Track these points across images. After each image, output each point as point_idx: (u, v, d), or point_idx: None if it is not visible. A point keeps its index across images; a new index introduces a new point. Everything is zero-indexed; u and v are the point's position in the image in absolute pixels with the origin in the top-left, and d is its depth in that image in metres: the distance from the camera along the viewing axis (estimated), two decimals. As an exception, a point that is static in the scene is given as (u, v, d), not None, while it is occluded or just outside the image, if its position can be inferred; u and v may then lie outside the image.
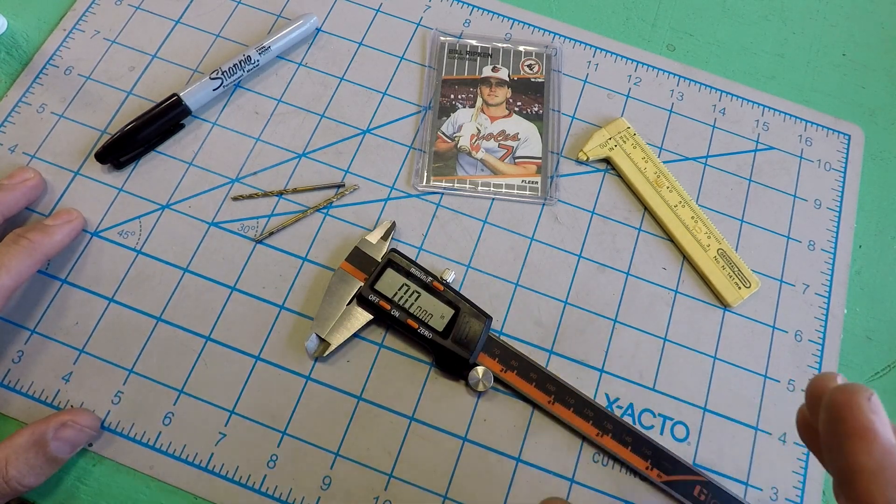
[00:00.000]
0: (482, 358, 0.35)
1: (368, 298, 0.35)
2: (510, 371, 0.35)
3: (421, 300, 0.35)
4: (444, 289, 0.36)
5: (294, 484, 0.33)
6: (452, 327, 0.35)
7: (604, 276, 0.39)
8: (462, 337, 0.35)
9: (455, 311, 0.35)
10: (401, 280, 0.36)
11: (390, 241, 0.37)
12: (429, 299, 0.35)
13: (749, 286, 0.38)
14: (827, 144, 0.43)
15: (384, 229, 0.38)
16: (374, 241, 0.37)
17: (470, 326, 0.35)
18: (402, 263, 0.36)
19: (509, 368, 0.35)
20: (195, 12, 0.43)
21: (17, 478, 0.30)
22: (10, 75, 0.41)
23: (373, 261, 0.36)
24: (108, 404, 0.34)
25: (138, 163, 0.39)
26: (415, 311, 0.35)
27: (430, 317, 0.35)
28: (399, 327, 0.35)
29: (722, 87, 0.44)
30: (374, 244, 0.37)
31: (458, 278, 0.38)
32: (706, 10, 0.47)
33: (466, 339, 0.35)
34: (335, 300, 0.36)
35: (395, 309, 0.35)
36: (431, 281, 0.36)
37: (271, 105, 0.41)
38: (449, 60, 0.43)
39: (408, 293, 0.36)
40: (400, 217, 0.39)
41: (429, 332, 0.35)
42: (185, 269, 0.37)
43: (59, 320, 0.36)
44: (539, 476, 0.34)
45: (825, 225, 0.41)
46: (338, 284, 0.36)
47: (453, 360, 0.35)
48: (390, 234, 0.38)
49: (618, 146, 0.41)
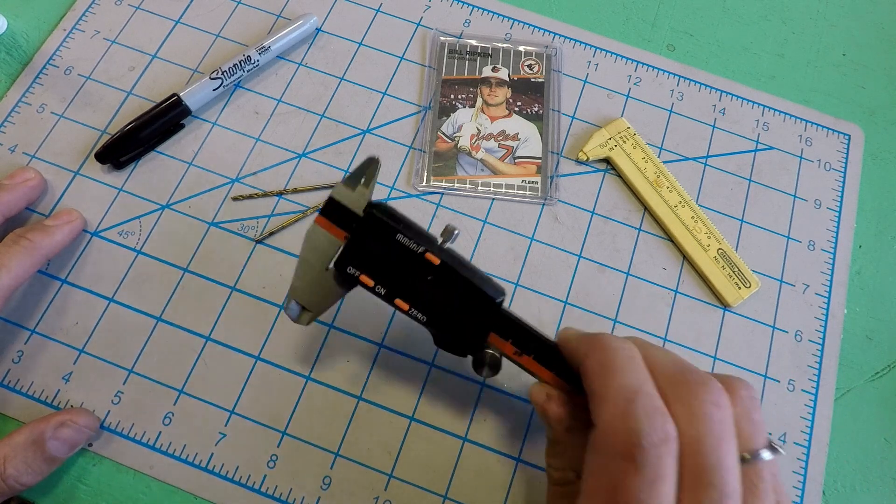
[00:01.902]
0: (493, 338, 0.29)
1: (347, 271, 0.29)
2: (526, 355, 0.29)
3: (410, 273, 0.28)
4: (439, 262, 0.28)
5: (294, 484, 0.33)
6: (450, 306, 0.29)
7: (604, 276, 0.39)
8: (463, 318, 0.29)
9: (455, 286, 0.28)
10: (384, 247, 0.28)
11: (373, 186, 0.29)
12: (420, 273, 0.28)
13: (749, 286, 0.38)
14: (827, 144, 0.43)
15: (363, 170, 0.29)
16: (353, 189, 0.29)
17: (472, 305, 0.29)
18: (383, 223, 0.28)
19: (526, 351, 0.29)
20: (195, 12, 0.43)
21: (14, 476, 0.30)
22: (10, 75, 0.41)
23: (353, 215, 0.29)
24: (107, 404, 0.34)
25: (138, 163, 0.39)
26: (404, 285, 0.28)
27: (422, 294, 0.29)
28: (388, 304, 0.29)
29: (722, 87, 0.44)
30: (353, 192, 0.29)
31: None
32: (706, 10, 0.47)
33: (469, 320, 0.29)
34: (312, 264, 0.29)
35: (379, 285, 0.28)
36: (424, 251, 0.28)
37: (271, 105, 0.41)
38: (449, 60, 0.43)
39: (395, 263, 0.28)
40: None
41: (422, 314, 0.29)
42: (185, 269, 0.37)
43: (59, 320, 0.36)
44: (539, 476, 0.34)
45: (825, 225, 0.41)
46: (312, 244, 0.29)
47: (455, 344, 0.30)
48: (373, 177, 0.29)
49: (618, 146, 0.41)
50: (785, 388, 0.37)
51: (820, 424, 0.37)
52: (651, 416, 0.22)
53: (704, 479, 0.22)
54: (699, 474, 0.22)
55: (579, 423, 0.27)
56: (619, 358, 0.24)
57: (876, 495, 0.36)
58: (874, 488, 0.36)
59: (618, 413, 0.23)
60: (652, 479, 0.21)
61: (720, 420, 0.23)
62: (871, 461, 0.37)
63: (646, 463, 0.21)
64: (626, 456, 0.22)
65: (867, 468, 0.36)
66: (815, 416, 0.37)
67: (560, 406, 0.28)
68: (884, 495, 0.36)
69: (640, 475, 0.21)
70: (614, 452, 0.22)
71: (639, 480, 0.21)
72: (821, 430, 0.37)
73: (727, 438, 0.23)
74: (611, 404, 0.23)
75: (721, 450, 0.23)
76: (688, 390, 0.24)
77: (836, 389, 0.38)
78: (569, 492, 0.27)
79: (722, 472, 0.22)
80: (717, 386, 0.24)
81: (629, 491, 0.21)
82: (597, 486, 0.23)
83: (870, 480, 0.36)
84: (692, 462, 0.22)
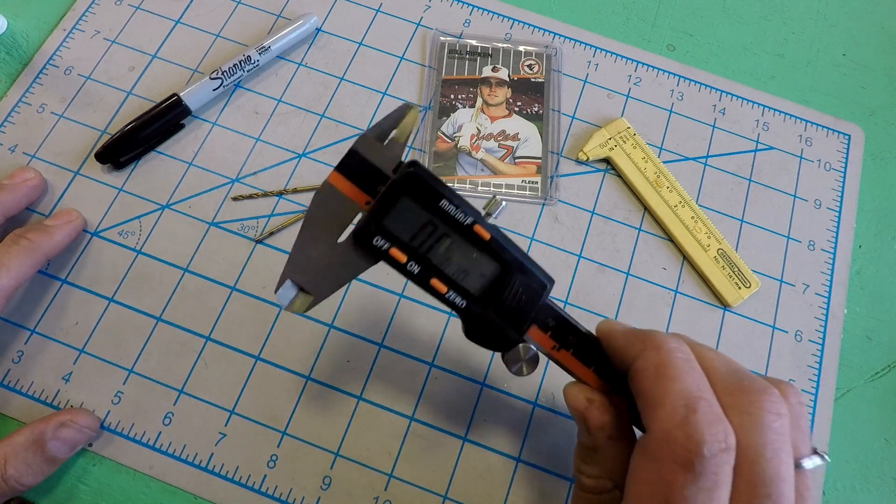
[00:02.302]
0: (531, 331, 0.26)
1: (373, 243, 0.24)
2: (565, 350, 0.27)
3: (453, 248, 0.24)
4: (490, 237, 0.24)
5: (294, 484, 0.33)
6: (496, 291, 0.25)
7: (604, 276, 0.39)
8: (509, 306, 0.25)
9: (502, 267, 0.25)
10: (424, 215, 0.24)
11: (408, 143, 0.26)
12: (465, 249, 0.24)
13: (749, 286, 0.38)
14: (827, 144, 0.43)
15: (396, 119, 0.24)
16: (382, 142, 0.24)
17: (521, 292, 0.25)
18: (427, 186, 0.24)
19: (565, 346, 0.27)
20: (195, 12, 0.43)
21: (15, 476, 0.30)
22: (10, 75, 0.41)
23: (380, 175, 0.24)
24: (107, 404, 0.34)
25: (138, 163, 0.39)
26: (444, 265, 0.24)
27: (464, 274, 0.25)
28: (419, 287, 0.25)
29: (722, 87, 0.44)
30: (381, 147, 0.24)
31: None
32: (706, 10, 0.47)
33: (514, 308, 0.25)
34: (320, 233, 0.24)
35: (413, 262, 0.24)
36: (472, 223, 0.24)
37: (271, 105, 0.41)
38: (449, 60, 0.43)
39: (434, 236, 0.24)
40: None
41: (461, 298, 0.25)
42: (185, 269, 0.37)
43: (59, 320, 0.36)
44: (539, 476, 0.34)
45: (825, 225, 0.41)
46: (323, 209, 0.24)
47: (492, 335, 0.26)
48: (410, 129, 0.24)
49: (618, 146, 0.41)
50: (785, 388, 0.37)
51: (820, 424, 0.37)
52: (713, 424, 0.21)
53: (762, 491, 0.22)
54: (757, 485, 0.22)
55: (622, 430, 0.26)
56: (676, 360, 0.23)
57: (876, 495, 0.36)
58: (874, 488, 0.36)
59: (677, 421, 0.22)
60: (710, 488, 0.21)
61: (779, 430, 0.23)
62: (871, 461, 0.37)
63: (705, 472, 0.21)
64: (686, 465, 0.21)
65: (867, 468, 0.36)
66: (815, 416, 0.37)
67: (603, 412, 0.26)
68: (884, 495, 0.36)
69: (697, 484, 0.21)
70: (671, 460, 0.21)
71: (696, 490, 0.21)
72: (821, 430, 0.37)
73: (786, 449, 0.22)
74: (669, 410, 0.22)
75: (780, 461, 0.22)
76: (747, 399, 0.23)
77: (836, 389, 0.38)
78: (602, 501, 0.26)
79: (780, 483, 0.22)
80: (776, 394, 0.23)
81: (685, 499, 0.21)
82: (648, 494, 0.22)
83: (870, 480, 0.36)
84: (750, 472, 0.22)
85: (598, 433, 0.26)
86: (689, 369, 0.23)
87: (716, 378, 0.24)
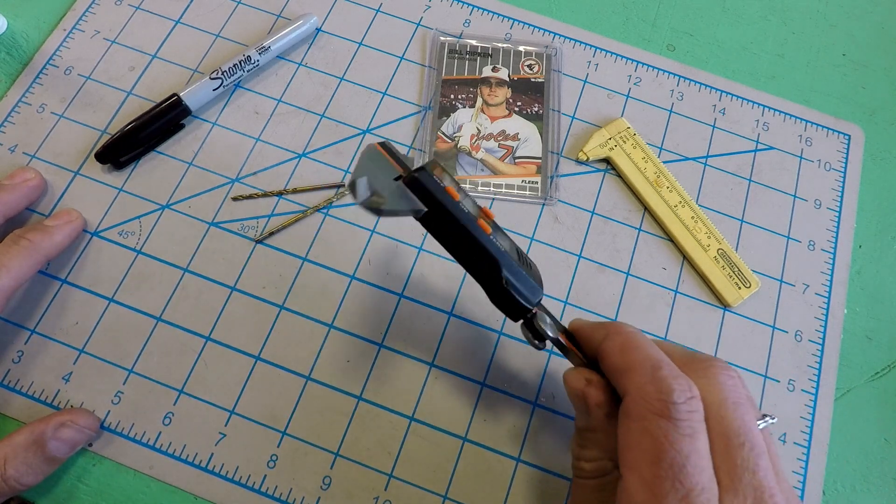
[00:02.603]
0: None
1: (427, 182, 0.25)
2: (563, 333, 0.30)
3: None
4: (492, 232, 0.27)
5: (294, 484, 0.33)
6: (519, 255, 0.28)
7: (604, 276, 0.39)
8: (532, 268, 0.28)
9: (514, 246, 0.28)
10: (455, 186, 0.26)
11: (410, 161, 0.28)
12: None
13: (749, 286, 0.38)
14: (827, 144, 0.43)
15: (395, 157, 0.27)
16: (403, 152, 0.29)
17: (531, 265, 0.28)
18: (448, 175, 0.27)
19: None
20: (195, 12, 0.43)
21: (15, 477, 0.30)
22: (10, 75, 0.41)
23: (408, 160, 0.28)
24: (107, 404, 0.34)
25: (138, 163, 0.39)
26: None
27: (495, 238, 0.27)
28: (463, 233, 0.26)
29: (722, 87, 0.44)
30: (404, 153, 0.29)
31: None
32: (706, 10, 0.47)
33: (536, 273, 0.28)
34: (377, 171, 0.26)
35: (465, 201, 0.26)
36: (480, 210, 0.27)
37: (271, 105, 0.41)
38: (449, 60, 0.43)
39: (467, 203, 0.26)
40: (400, 217, 0.39)
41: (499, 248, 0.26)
42: (185, 269, 0.37)
43: (59, 320, 0.36)
44: (539, 476, 0.34)
45: (825, 225, 0.41)
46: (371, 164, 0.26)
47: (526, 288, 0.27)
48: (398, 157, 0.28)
49: (618, 146, 0.41)
50: (785, 388, 0.37)
51: (820, 424, 0.37)
52: (677, 378, 0.24)
53: (735, 441, 0.24)
54: (729, 435, 0.24)
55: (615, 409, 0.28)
56: (637, 336, 0.27)
57: (876, 495, 0.36)
58: (874, 488, 0.36)
59: (647, 378, 0.24)
60: (690, 434, 0.23)
61: (734, 388, 0.25)
62: (871, 461, 0.37)
63: (681, 417, 0.23)
64: (662, 413, 0.23)
65: (867, 468, 0.36)
66: (815, 416, 0.37)
67: (600, 390, 0.28)
68: (884, 495, 0.36)
69: (678, 431, 0.23)
70: (650, 412, 0.23)
71: (678, 436, 0.23)
72: (821, 431, 0.37)
73: (745, 403, 0.25)
74: (639, 373, 0.25)
75: (743, 411, 0.24)
76: (702, 366, 0.26)
77: (836, 389, 0.38)
78: (604, 483, 0.27)
79: (749, 432, 0.24)
80: (724, 363, 0.27)
81: (672, 444, 0.23)
82: (639, 453, 0.23)
83: (870, 480, 0.36)
84: (719, 425, 0.24)
85: (596, 411, 0.28)
86: (649, 343, 0.27)
87: (672, 355, 0.27)
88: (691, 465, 0.22)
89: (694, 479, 0.22)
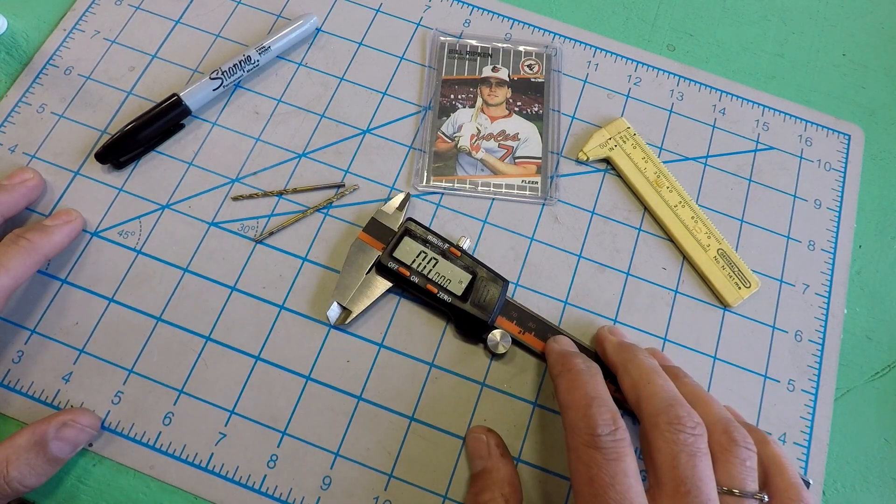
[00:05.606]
0: (500, 321, 0.36)
1: (388, 266, 0.36)
2: (528, 333, 0.36)
3: (439, 266, 0.36)
4: (460, 254, 0.36)
5: (294, 484, 0.33)
6: (471, 291, 0.36)
7: (604, 276, 0.39)
8: (480, 300, 0.35)
9: (472, 275, 0.36)
10: (418, 247, 0.36)
11: (406, 210, 0.38)
12: (446, 265, 0.36)
13: (749, 286, 0.38)
14: (827, 144, 0.43)
15: (399, 200, 0.38)
16: (389, 212, 0.38)
17: (488, 290, 0.36)
18: (418, 231, 0.37)
19: (527, 330, 0.36)
20: (195, 12, 0.43)
21: (17, 478, 0.30)
22: (10, 75, 0.41)
23: (389, 231, 0.37)
24: (108, 404, 0.34)
25: (138, 163, 0.39)
26: (433, 276, 0.36)
27: (448, 282, 0.36)
28: (418, 293, 0.36)
29: (722, 87, 0.44)
30: (390, 215, 0.38)
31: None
32: (706, 10, 0.47)
33: (485, 302, 0.35)
34: (354, 269, 0.36)
35: (414, 275, 0.36)
36: (448, 247, 0.37)
37: (271, 105, 0.41)
38: (449, 60, 0.43)
39: (426, 260, 0.36)
40: (400, 217, 0.39)
41: (448, 296, 0.35)
42: (185, 269, 0.37)
43: (59, 320, 0.36)
44: (539, 476, 0.34)
45: (825, 225, 0.41)
46: (356, 254, 0.37)
47: (472, 323, 0.36)
48: (406, 204, 0.38)
49: (618, 146, 0.41)
50: (785, 388, 0.37)
51: (820, 424, 0.37)
52: (602, 413, 0.28)
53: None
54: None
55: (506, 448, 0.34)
56: (581, 376, 0.31)
57: (876, 495, 0.36)
58: (874, 488, 0.36)
59: (580, 415, 0.29)
60: (615, 458, 0.27)
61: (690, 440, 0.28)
62: (871, 461, 0.37)
63: (605, 446, 0.27)
64: (591, 443, 0.27)
65: (867, 468, 0.36)
66: (815, 416, 0.37)
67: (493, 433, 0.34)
68: (884, 495, 0.36)
69: (605, 457, 0.27)
70: (583, 445, 0.28)
71: (605, 462, 0.27)
72: (821, 430, 0.37)
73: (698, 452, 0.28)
74: (574, 410, 0.29)
75: None
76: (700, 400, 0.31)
77: (836, 389, 0.38)
78: None
79: None
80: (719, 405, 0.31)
81: (600, 469, 0.27)
82: (578, 478, 0.28)
83: (870, 480, 0.36)
84: None
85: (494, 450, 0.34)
86: (590, 380, 0.30)
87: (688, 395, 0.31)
88: (619, 484, 0.26)
89: (623, 496, 0.26)
